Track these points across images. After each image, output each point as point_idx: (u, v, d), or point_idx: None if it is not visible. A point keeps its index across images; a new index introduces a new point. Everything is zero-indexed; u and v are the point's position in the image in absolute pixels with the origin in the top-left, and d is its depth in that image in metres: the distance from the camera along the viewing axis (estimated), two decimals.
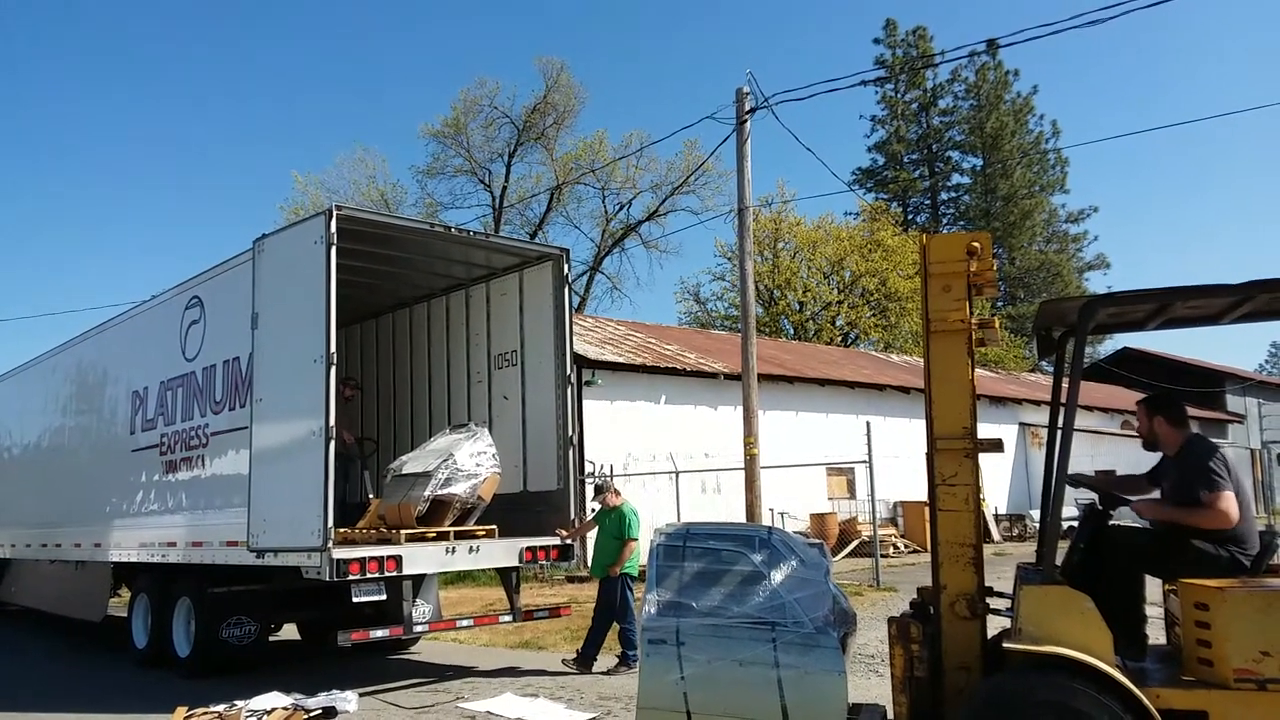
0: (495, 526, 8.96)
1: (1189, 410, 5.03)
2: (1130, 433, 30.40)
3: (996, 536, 23.34)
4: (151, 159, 72.73)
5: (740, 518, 14.21)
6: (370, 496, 9.85)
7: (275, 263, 8.61)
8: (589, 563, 10.51)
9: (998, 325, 4.83)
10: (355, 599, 7.97)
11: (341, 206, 8.23)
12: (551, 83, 36.38)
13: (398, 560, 7.97)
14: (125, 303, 21.55)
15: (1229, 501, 4.29)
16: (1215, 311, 4.68)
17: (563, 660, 9.01)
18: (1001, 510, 25.84)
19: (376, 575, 7.84)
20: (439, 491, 8.61)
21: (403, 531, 8.34)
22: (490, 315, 10.58)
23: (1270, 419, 37.62)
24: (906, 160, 54.68)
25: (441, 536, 8.53)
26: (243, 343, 8.76)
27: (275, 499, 8.23)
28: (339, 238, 7.97)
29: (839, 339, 38.88)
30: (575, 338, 10.70)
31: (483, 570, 11.84)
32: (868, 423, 14.85)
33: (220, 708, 7.23)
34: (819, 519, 20.74)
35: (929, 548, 4.73)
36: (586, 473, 16.20)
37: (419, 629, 8.70)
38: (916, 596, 4.91)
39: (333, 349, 7.79)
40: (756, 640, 4.70)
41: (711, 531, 5.26)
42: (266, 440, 8.43)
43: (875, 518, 15.15)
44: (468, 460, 8.86)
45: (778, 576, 4.85)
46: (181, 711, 7.23)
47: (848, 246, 38.43)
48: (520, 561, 8.99)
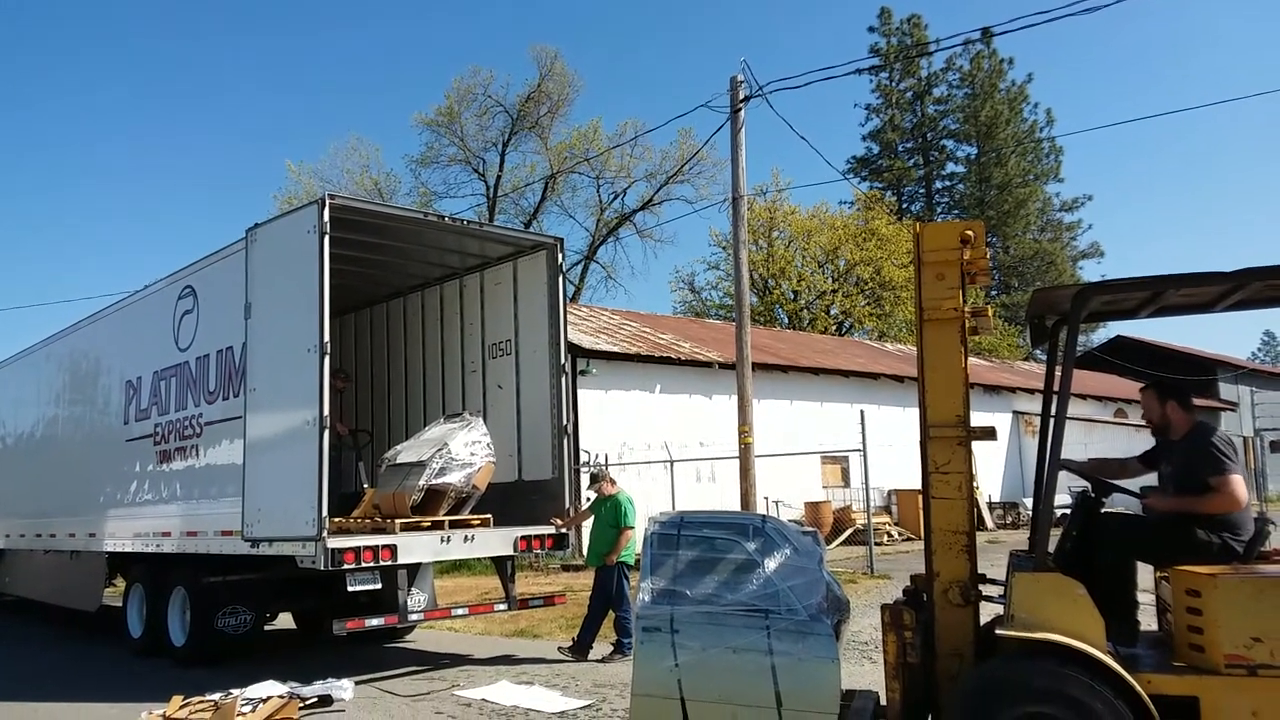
0: (490, 515, 8.97)
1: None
2: (1124, 421, 30.56)
3: (990, 524, 23.43)
4: (145, 149, 72.41)
5: (735, 506, 14.25)
6: (365, 486, 9.85)
7: (268, 252, 8.59)
8: (584, 551, 10.54)
9: (991, 314, 4.83)
10: (350, 588, 7.97)
11: (335, 196, 8.21)
12: (545, 71, 36.28)
13: (393, 549, 7.98)
14: (118, 293, 21.52)
15: (1238, 484, 4.30)
16: (1208, 300, 4.68)
17: (558, 648, 9.04)
18: (995, 498, 25.93)
19: (371, 564, 7.85)
20: (434, 481, 8.62)
21: (397, 521, 8.35)
22: (484, 305, 10.57)
23: (1262, 407, 37.80)
24: (901, 149, 54.68)
25: (436, 526, 8.54)
26: (236, 332, 8.74)
27: (270, 489, 8.23)
28: (332, 227, 7.95)
29: (833, 328, 38.90)
30: (570, 327, 10.71)
31: (478, 559, 11.88)
32: (861, 411, 14.88)
33: (216, 696, 7.23)
34: (814, 507, 20.80)
35: (923, 535, 4.74)
36: (581, 462, 16.22)
37: (414, 618, 8.71)
38: (910, 584, 4.93)
39: (326, 338, 7.78)
40: (750, 628, 4.71)
41: (706, 520, 5.28)
42: (260, 430, 8.43)
43: (869, 506, 15.19)
44: (462, 449, 8.87)
45: (771, 564, 4.86)
46: (177, 700, 7.23)
47: (842, 235, 38.42)
48: (515, 550, 9.01)
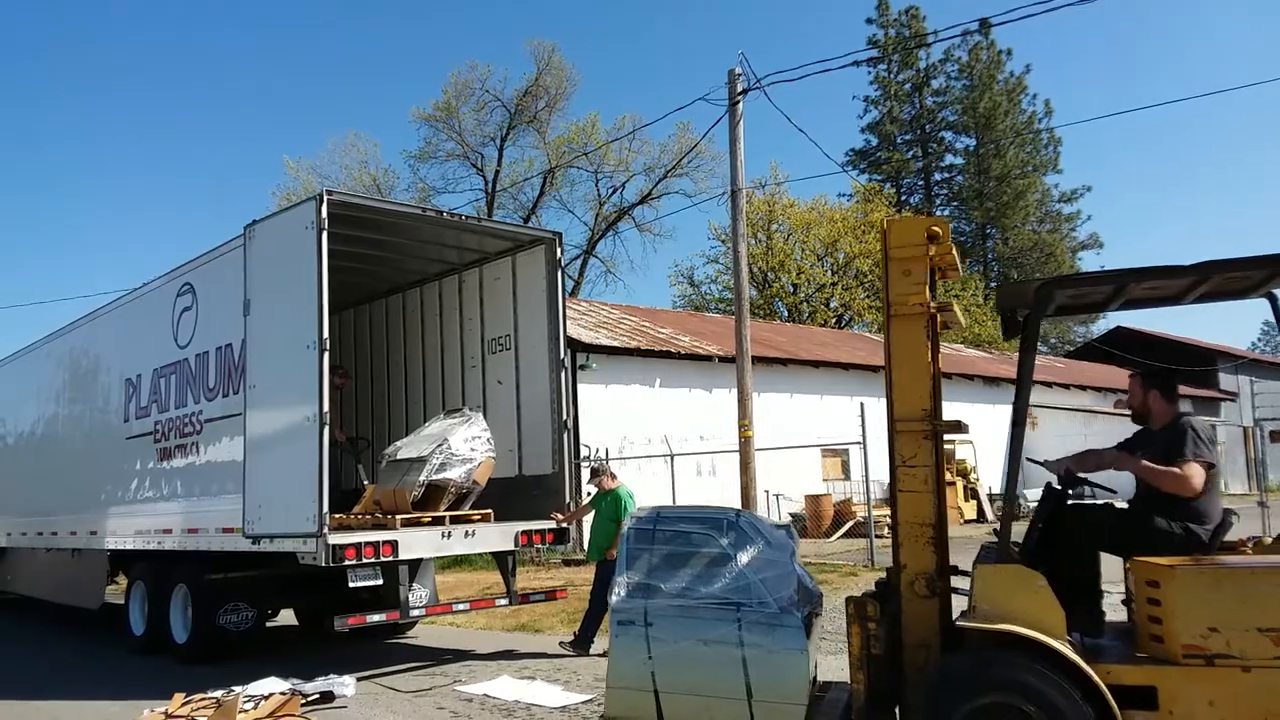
0: (491, 511, 8.98)
1: (1181, 389, 5.05)
2: (1123, 412, 30.59)
3: (990, 516, 23.44)
4: (143, 146, 72.29)
5: (735, 500, 14.25)
6: (365, 483, 9.85)
7: (267, 248, 8.58)
8: (585, 546, 10.54)
9: (957, 309, 4.86)
10: (352, 584, 7.97)
11: (332, 191, 8.19)
12: (543, 65, 36.25)
13: (394, 545, 7.99)
14: (116, 291, 21.52)
15: (1197, 471, 4.32)
16: (1174, 292, 4.73)
17: (560, 643, 9.05)
18: (996, 490, 25.94)
19: (373, 560, 7.85)
20: (434, 476, 8.62)
21: (398, 516, 8.36)
22: (483, 300, 10.57)
23: (1262, 396, 37.75)
24: (900, 141, 54.56)
25: (437, 521, 8.55)
26: (235, 329, 8.74)
27: (270, 485, 8.23)
28: (330, 223, 7.94)
29: (833, 321, 38.90)
30: (569, 322, 10.70)
31: (479, 554, 11.87)
32: (861, 404, 14.87)
33: (218, 694, 7.25)
34: (814, 500, 20.81)
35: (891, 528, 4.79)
36: (582, 457, 16.23)
37: (416, 613, 8.72)
38: (885, 577, 4.94)
39: (325, 334, 7.78)
40: (722, 620, 4.77)
41: (682, 515, 5.37)
42: (260, 427, 8.43)
43: (870, 498, 15.20)
44: (462, 445, 8.87)
45: (744, 558, 4.91)
46: (179, 698, 7.24)
47: (841, 228, 38.38)
48: (516, 545, 9.02)
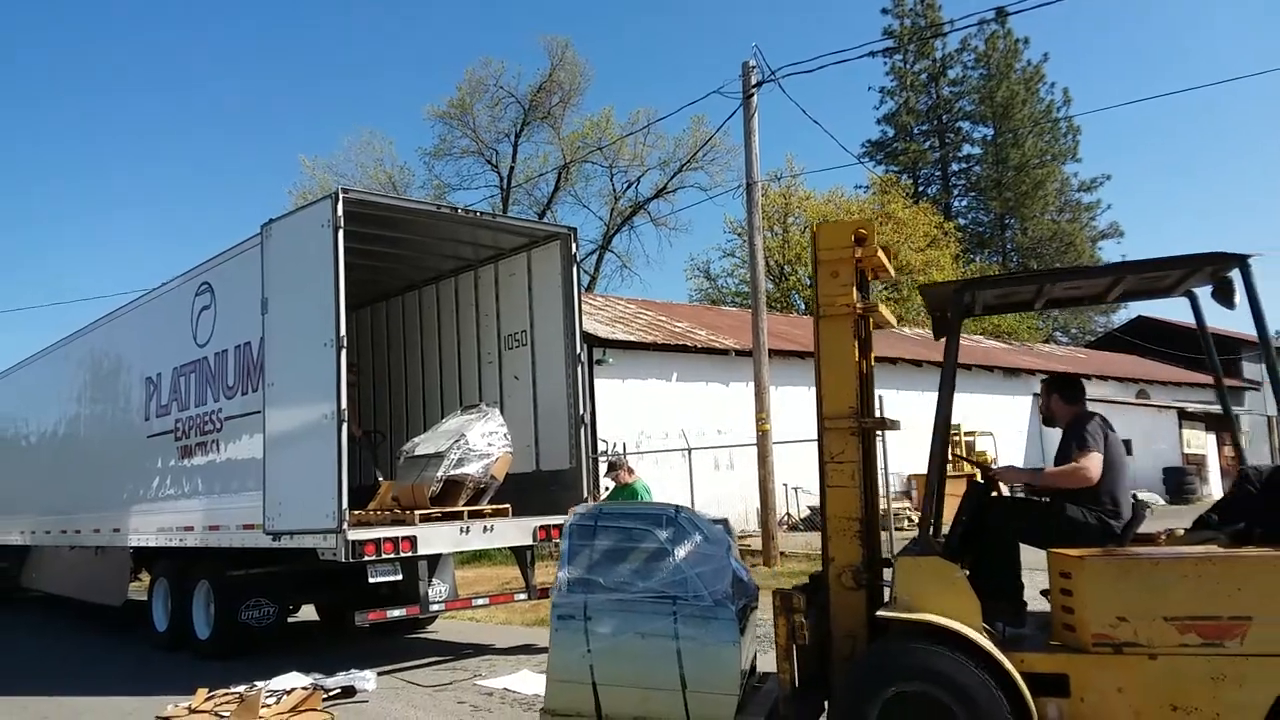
0: (509, 506, 9.00)
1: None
2: (1147, 402, 30.29)
3: None
4: (159, 146, 72.82)
5: (754, 494, 14.23)
6: (379, 479, 9.90)
7: (283, 247, 8.63)
8: None
9: (884, 310, 5.03)
10: (371, 579, 8.02)
11: (348, 189, 8.23)
12: (557, 61, 36.21)
13: (412, 541, 8.03)
14: (134, 291, 21.74)
15: (1092, 461, 4.47)
16: (1095, 292, 4.90)
17: None
18: None
19: (392, 556, 7.89)
20: (452, 472, 8.65)
21: (417, 512, 8.39)
22: (499, 296, 10.58)
23: None
24: (916, 132, 54.22)
25: (455, 516, 8.57)
26: (253, 327, 8.79)
27: (290, 482, 8.28)
28: (346, 221, 7.98)
29: None
30: (585, 317, 10.70)
31: (498, 549, 11.90)
32: (880, 396, 14.79)
33: (241, 689, 7.31)
34: None
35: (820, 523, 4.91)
36: (599, 451, 16.25)
37: (435, 608, 8.76)
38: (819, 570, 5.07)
39: (342, 332, 7.82)
40: (658, 614, 4.87)
41: (622, 511, 5.48)
42: (279, 424, 8.48)
43: (889, 491, 15.14)
44: (479, 440, 8.89)
45: (681, 552, 5.01)
46: (202, 693, 7.31)
47: (858, 220, 38.20)
48: (534, 540, 9.03)
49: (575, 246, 9.78)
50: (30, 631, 13.00)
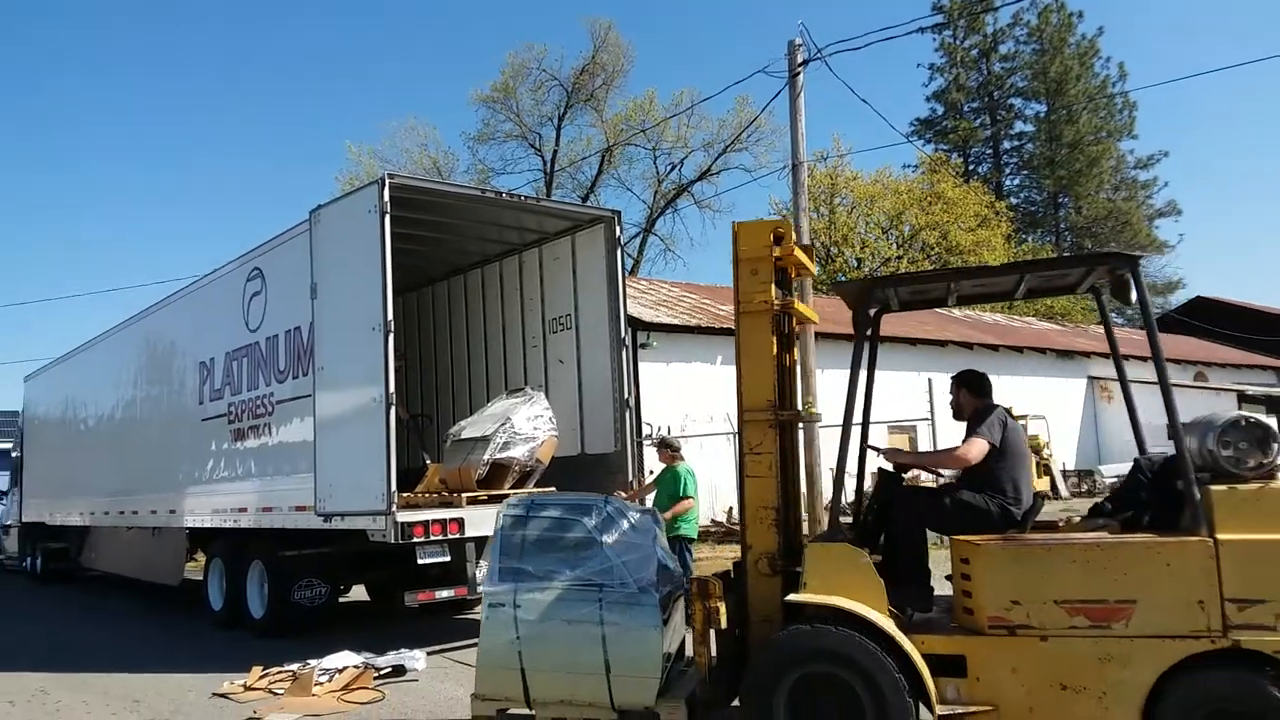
0: (554, 489, 9.03)
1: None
2: (1203, 384, 29.50)
3: (1065, 493, 22.87)
4: (209, 133, 74.06)
5: (799, 478, 14.09)
6: (426, 461, 9.99)
7: (331, 233, 8.71)
8: None
9: (800, 307, 5.25)
10: (420, 561, 8.12)
11: (394, 175, 8.27)
12: (599, 43, 36.03)
13: (460, 523, 8.11)
14: (186, 277, 22.15)
15: (974, 447, 4.70)
16: (1004, 289, 5.19)
17: None
18: (1070, 466, 25.32)
19: (440, 538, 7.98)
20: (498, 455, 8.70)
21: (464, 495, 8.46)
22: (543, 279, 10.59)
23: None
24: (967, 109, 53.11)
25: (501, 499, 8.60)
26: (303, 312, 8.90)
27: (340, 464, 8.40)
28: (393, 206, 8.02)
29: None
30: (629, 300, 10.66)
31: None
32: (929, 379, 14.61)
33: (294, 667, 7.45)
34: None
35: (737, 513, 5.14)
36: (644, 435, 16.24)
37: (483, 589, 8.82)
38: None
39: (390, 317, 7.88)
40: (585, 601, 5.04)
41: (554, 501, 5.65)
42: (329, 408, 8.59)
43: (938, 476, 14.92)
44: (525, 424, 8.93)
45: (608, 541, 5.16)
46: (257, 670, 7.47)
47: (907, 200, 37.55)
48: None
49: (619, 229, 9.74)
50: (90, 610, 13.38)
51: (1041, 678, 4.13)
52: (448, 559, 8.32)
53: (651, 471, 9.62)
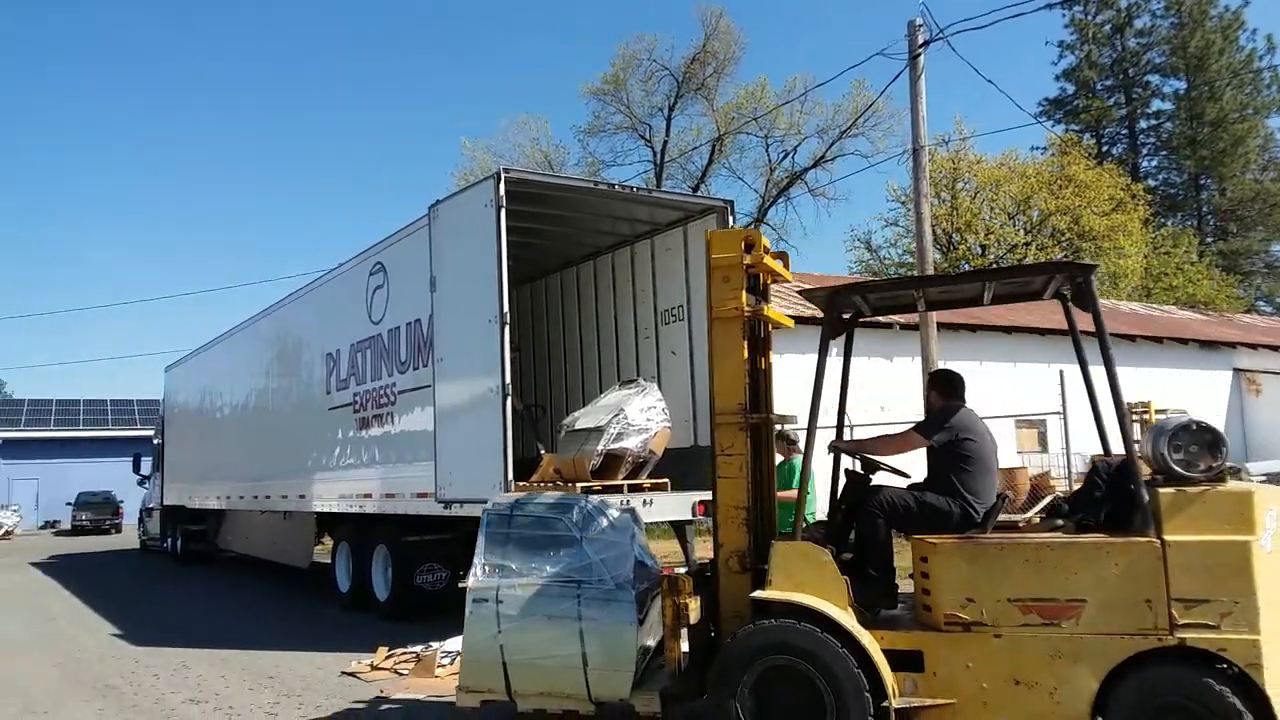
0: (668, 480, 8.99)
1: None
2: None
3: None
4: (334, 134, 77.08)
5: (919, 473, 13.69)
6: (540, 451, 10.11)
7: (449, 227, 8.89)
8: None
9: (771, 313, 5.39)
10: None
11: (509, 169, 8.38)
12: (710, 30, 35.68)
13: None
14: (312, 272, 23.07)
15: (908, 440, 5.06)
16: (970, 295, 5.32)
17: None
18: None
19: None
20: (611, 446, 8.69)
21: (578, 485, 8.50)
22: (656, 271, 10.55)
23: None
24: (1099, 87, 50.44)
25: (615, 490, 8.63)
26: (423, 305, 9.12)
27: (458, 453, 8.58)
28: (507, 200, 8.13)
29: None
30: None
31: (656, 523, 11.97)
32: (1060, 371, 13.91)
33: (418, 648, 7.66)
34: (1008, 473, 19.58)
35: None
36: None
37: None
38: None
39: (505, 309, 7.99)
40: (564, 597, 5.22)
41: (536, 501, 5.81)
42: (448, 398, 8.79)
43: (1070, 472, 14.27)
44: (638, 415, 8.89)
45: (588, 539, 5.36)
46: (383, 651, 7.71)
47: (1035, 184, 35.84)
48: (693, 515, 9.01)
49: (732, 219, 9.62)
50: (224, 590, 14.11)
51: (995, 673, 4.27)
52: None
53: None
